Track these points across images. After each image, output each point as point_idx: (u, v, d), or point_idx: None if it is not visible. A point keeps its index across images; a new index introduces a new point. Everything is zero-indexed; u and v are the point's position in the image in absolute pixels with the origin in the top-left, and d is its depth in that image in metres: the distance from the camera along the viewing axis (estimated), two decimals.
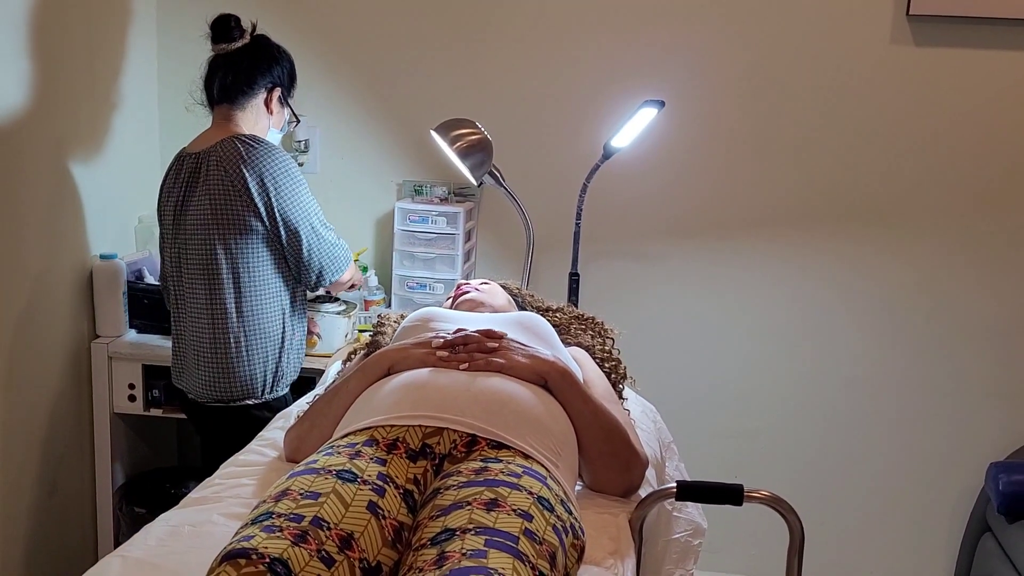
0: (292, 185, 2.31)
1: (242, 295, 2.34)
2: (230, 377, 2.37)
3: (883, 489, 3.16)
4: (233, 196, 2.28)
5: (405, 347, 1.77)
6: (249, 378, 2.38)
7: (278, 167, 2.30)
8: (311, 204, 2.36)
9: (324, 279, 2.41)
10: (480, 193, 3.10)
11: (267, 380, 2.41)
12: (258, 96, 2.42)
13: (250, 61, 2.40)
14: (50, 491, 2.72)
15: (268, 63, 2.42)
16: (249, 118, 2.41)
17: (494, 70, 3.05)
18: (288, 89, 2.48)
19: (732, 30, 2.94)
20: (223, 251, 2.30)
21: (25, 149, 2.51)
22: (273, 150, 2.32)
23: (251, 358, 2.37)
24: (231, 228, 2.29)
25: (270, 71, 2.42)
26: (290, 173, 2.32)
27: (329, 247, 2.39)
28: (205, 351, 2.38)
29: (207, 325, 2.36)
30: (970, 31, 2.84)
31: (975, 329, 3.02)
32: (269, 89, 2.42)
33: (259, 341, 2.37)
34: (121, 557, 1.44)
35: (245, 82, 2.40)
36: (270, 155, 2.30)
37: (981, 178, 2.94)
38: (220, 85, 2.40)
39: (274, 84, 2.43)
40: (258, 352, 2.38)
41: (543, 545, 1.27)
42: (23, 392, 2.57)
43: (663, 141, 2.97)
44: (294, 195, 2.31)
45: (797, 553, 1.73)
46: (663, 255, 3.10)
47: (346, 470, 1.39)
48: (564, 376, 1.71)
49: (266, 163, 2.28)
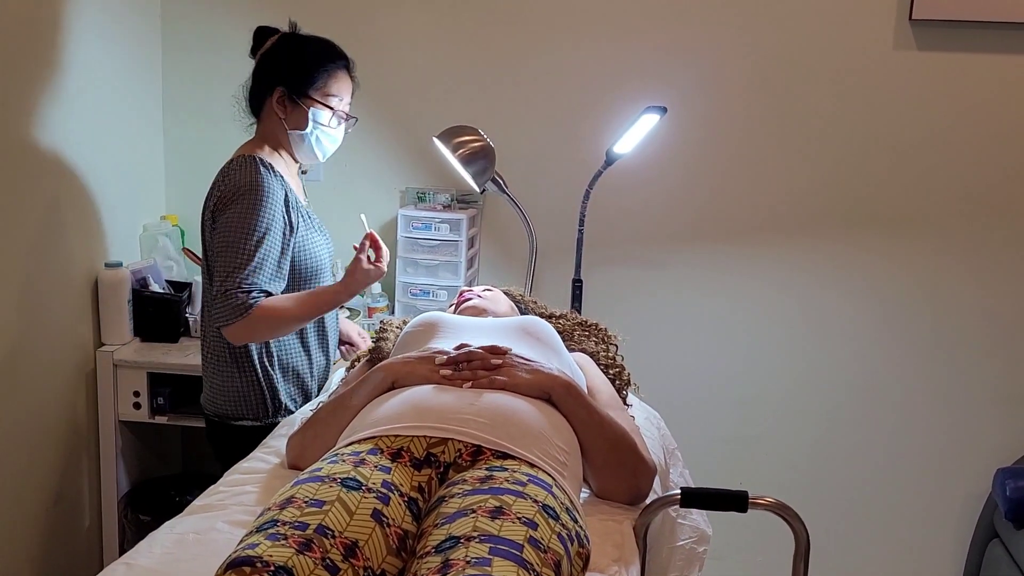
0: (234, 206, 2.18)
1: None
2: (212, 392, 2.35)
3: (889, 495, 3.15)
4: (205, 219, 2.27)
5: (409, 362, 1.77)
6: (235, 397, 2.32)
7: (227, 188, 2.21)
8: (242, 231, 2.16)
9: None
10: (483, 200, 3.10)
11: (261, 402, 2.32)
12: (266, 102, 2.32)
13: (257, 70, 2.34)
14: (55, 499, 2.73)
15: (265, 64, 2.32)
16: (267, 127, 2.33)
17: (496, 77, 3.05)
18: (296, 85, 2.28)
19: (735, 36, 2.95)
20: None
21: (28, 156, 2.52)
22: (232, 172, 2.22)
23: (227, 375, 2.31)
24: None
25: (269, 72, 2.31)
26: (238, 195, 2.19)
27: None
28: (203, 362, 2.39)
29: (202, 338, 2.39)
30: (973, 35, 2.84)
31: (981, 334, 3.02)
32: (271, 92, 2.31)
33: (227, 360, 2.30)
34: (126, 565, 1.44)
35: (250, 91, 2.35)
36: (226, 177, 2.24)
37: (985, 182, 2.94)
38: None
39: (274, 84, 2.29)
40: (230, 371, 2.30)
41: (548, 553, 1.27)
42: (28, 399, 2.58)
43: (666, 147, 2.97)
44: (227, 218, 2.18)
45: (802, 560, 1.72)
46: (666, 261, 3.10)
47: (351, 478, 1.39)
48: (568, 390, 1.71)
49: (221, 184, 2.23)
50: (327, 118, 2.31)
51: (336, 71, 2.32)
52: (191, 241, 3.20)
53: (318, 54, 2.31)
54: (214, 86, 3.14)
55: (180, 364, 2.77)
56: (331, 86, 2.31)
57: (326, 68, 2.30)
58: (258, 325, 2.14)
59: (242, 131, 2.28)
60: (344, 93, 2.34)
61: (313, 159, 2.39)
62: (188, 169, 3.19)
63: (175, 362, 2.78)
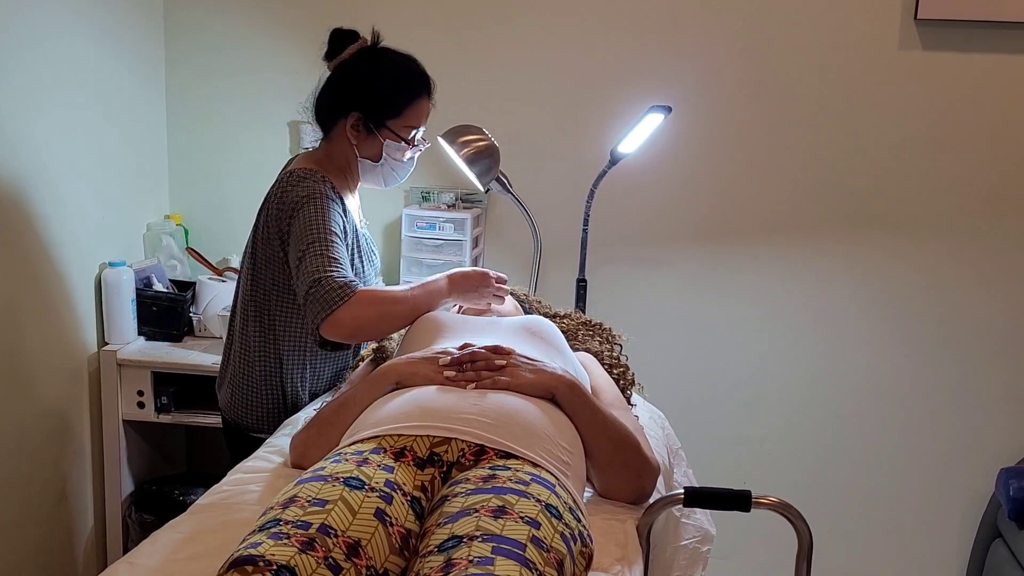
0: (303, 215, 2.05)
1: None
2: (234, 401, 2.29)
3: (892, 495, 3.14)
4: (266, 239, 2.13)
5: (413, 362, 1.76)
6: (261, 415, 2.25)
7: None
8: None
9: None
10: (487, 199, 3.10)
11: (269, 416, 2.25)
12: (339, 122, 2.16)
13: (332, 83, 2.16)
14: (58, 498, 2.73)
15: (343, 80, 2.14)
16: (336, 148, 2.19)
17: (501, 76, 3.05)
18: (375, 115, 2.13)
19: (740, 35, 2.94)
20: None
21: (32, 155, 2.52)
22: (295, 187, 2.08)
23: (253, 391, 2.24)
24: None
25: (346, 92, 2.13)
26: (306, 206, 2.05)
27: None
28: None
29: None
30: (978, 35, 2.83)
31: (985, 333, 3.01)
32: (345, 115, 2.14)
33: (257, 377, 2.24)
34: (128, 564, 1.44)
35: (320, 107, 2.18)
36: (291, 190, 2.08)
37: (991, 182, 2.93)
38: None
39: (351, 107, 2.13)
40: (258, 388, 2.24)
41: (551, 553, 1.27)
42: (32, 399, 2.58)
43: (671, 146, 2.97)
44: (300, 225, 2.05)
45: (806, 559, 1.72)
46: (670, 260, 3.10)
47: (353, 477, 1.39)
48: (572, 389, 1.70)
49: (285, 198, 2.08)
50: (402, 151, 2.19)
51: (419, 101, 2.16)
52: (195, 240, 3.21)
53: (403, 80, 2.14)
54: (218, 84, 3.15)
55: (184, 363, 2.77)
56: (411, 117, 2.16)
57: (409, 98, 2.14)
58: (362, 308, 1.92)
59: (248, 132, 2.26)
60: (423, 122, 2.20)
61: (379, 186, 2.28)
62: (192, 168, 3.20)
63: (179, 361, 2.78)
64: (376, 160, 2.18)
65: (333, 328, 1.92)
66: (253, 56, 3.12)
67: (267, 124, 3.11)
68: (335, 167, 2.19)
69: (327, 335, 1.94)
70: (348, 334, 1.95)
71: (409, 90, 2.15)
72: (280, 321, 2.19)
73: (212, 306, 2.92)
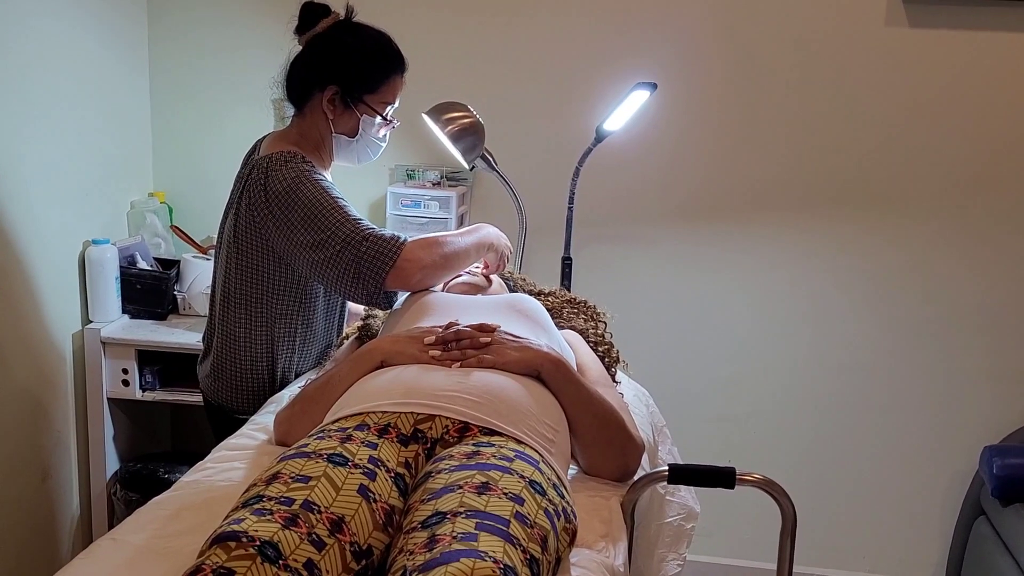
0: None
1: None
2: (217, 383, 2.27)
3: (876, 472, 3.16)
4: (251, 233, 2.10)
5: (398, 340, 1.76)
6: (245, 396, 2.23)
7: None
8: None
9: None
10: (472, 177, 3.09)
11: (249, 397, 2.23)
12: (313, 96, 2.12)
13: (307, 56, 2.12)
14: (43, 476, 2.72)
15: (318, 53, 2.10)
16: (309, 124, 2.15)
17: (486, 52, 3.03)
18: (353, 88, 2.11)
19: (725, 12, 2.93)
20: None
21: (14, 132, 2.50)
22: (279, 171, 2.05)
23: (239, 372, 2.22)
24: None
25: (322, 65, 2.09)
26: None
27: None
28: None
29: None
30: (966, 12, 2.83)
31: (969, 312, 3.03)
32: (322, 88, 2.10)
33: (243, 357, 2.22)
34: (112, 540, 1.44)
35: (293, 80, 2.14)
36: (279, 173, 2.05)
37: (976, 161, 2.93)
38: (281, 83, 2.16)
39: (327, 81, 2.09)
40: (244, 368, 2.22)
41: (534, 528, 1.27)
42: (15, 377, 2.57)
43: (656, 124, 2.97)
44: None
45: (789, 536, 1.73)
46: (656, 239, 3.10)
47: (337, 454, 1.39)
48: (557, 366, 1.70)
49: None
50: (377, 127, 2.18)
51: (395, 76, 2.15)
52: (179, 218, 3.19)
53: (380, 54, 2.13)
54: (202, 61, 3.12)
55: (169, 342, 2.76)
56: (387, 93, 2.16)
57: (387, 73, 2.14)
58: (421, 251, 1.97)
59: (232, 109, 2.23)
60: (397, 99, 2.20)
61: (351, 164, 2.26)
62: (176, 146, 3.17)
63: (164, 340, 2.77)
64: (352, 136, 2.16)
65: (400, 276, 1.96)
66: (237, 33, 3.09)
67: (251, 102, 3.08)
68: (310, 145, 2.17)
69: (394, 285, 1.98)
70: (417, 280, 1.99)
71: (387, 65, 2.14)
72: (270, 305, 2.17)
73: (196, 284, 2.90)
